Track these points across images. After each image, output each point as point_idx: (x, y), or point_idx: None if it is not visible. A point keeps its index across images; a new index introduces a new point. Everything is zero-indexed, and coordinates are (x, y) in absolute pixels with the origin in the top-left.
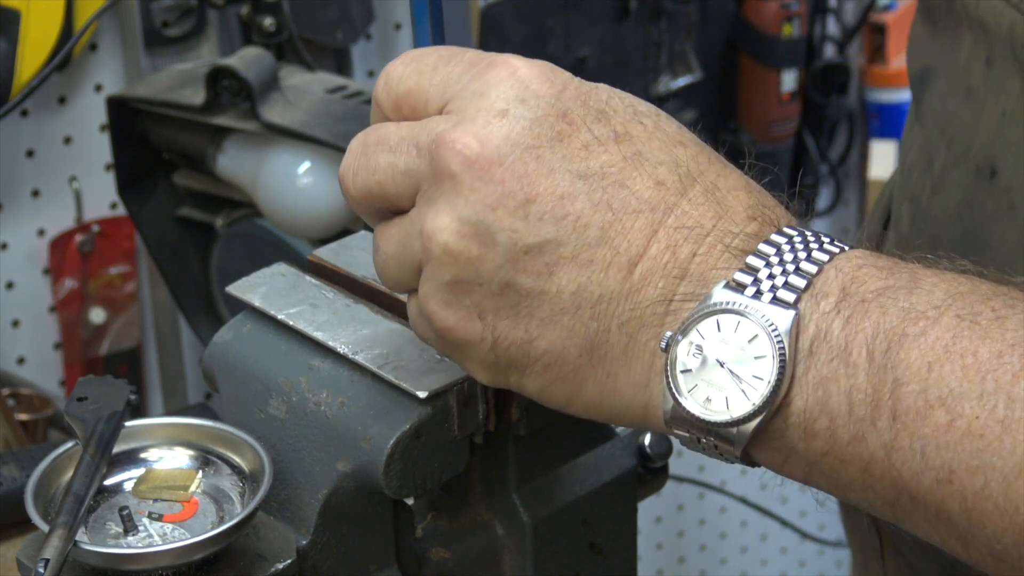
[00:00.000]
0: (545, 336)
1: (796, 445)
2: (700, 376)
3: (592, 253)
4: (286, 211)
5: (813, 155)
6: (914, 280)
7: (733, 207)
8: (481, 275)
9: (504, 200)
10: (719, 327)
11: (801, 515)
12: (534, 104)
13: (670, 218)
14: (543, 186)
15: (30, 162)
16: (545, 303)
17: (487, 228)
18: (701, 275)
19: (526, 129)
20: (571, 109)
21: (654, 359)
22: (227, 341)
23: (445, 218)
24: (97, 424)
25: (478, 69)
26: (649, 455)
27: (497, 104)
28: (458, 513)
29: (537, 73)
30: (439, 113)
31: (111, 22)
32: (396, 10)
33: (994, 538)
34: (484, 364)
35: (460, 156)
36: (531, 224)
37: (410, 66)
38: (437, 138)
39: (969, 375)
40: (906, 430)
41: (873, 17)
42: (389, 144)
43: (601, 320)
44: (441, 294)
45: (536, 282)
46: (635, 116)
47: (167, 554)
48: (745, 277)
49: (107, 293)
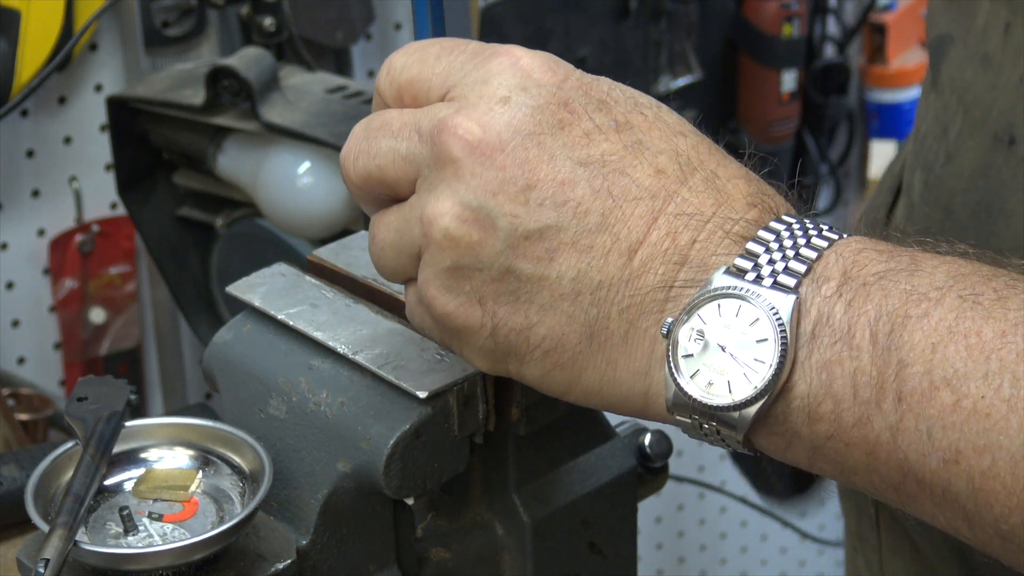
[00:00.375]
0: (544, 322)
1: (800, 429)
2: (702, 360)
3: (592, 239)
4: (286, 211)
5: (813, 155)
6: (915, 263)
7: (733, 195)
8: (481, 260)
9: (505, 185)
10: (720, 311)
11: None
12: (536, 92)
13: (670, 205)
14: (544, 172)
15: (30, 162)
16: (545, 289)
17: (488, 213)
18: (701, 261)
19: (528, 116)
20: (572, 98)
21: (655, 345)
22: (227, 341)
23: (446, 203)
24: (97, 424)
25: (481, 58)
26: (649, 455)
27: (499, 91)
28: (458, 513)
29: (539, 63)
30: (441, 100)
31: (111, 22)
32: (396, 10)
33: (1001, 518)
34: (483, 351)
35: (462, 141)
36: (532, 209)
37: (413, 56)
38: (439, 123)
39: (973, 355)
40: (912, 411)
41: (873, 17)
42: (391, 129)
43: (601, 306)
44: (441, 279)
45: (536, 267)
46: (636, 107)
47: (167, 554)
48: (745, 263)
49: (107, 293)
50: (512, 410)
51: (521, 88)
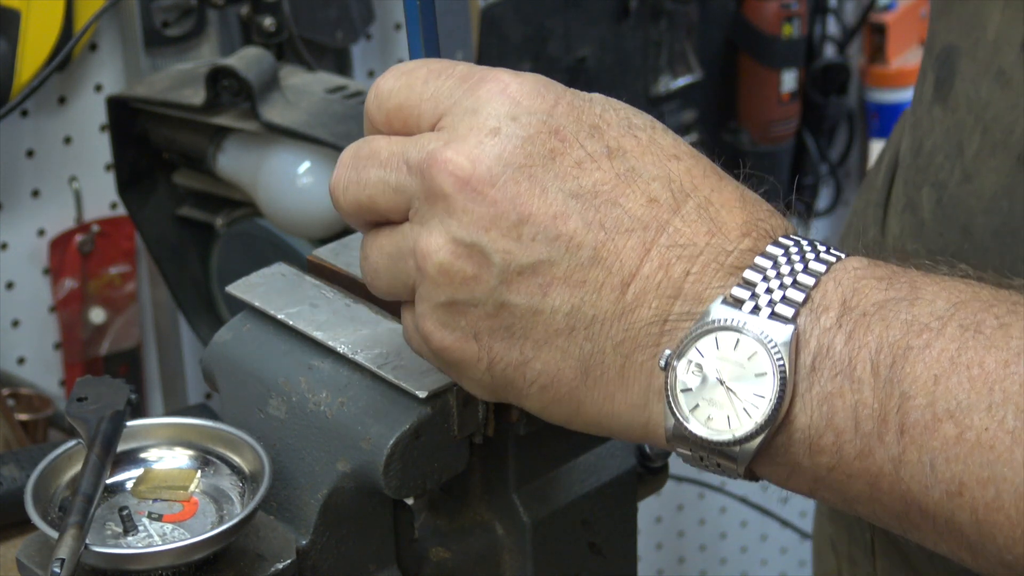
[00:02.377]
0: (540, 358)
1: (801, 461)
2: (701, 395)
3: (585, 274)
4: (286, 211)
5: (813, 155)
6: (915, 290)
7: (727, 223)
8: (476, 296)
9: (497, 221)
10: (718, 344)
11: (801, 515)
12: (526, 121)
13: (663, 236)
14: (536, 206)
15: (30, 162)
16: (539, 324)
17: (481, 249)
18: (696, 294)
19: (518, 148)
20: (563, 125)
21: (651, 379)
22: (227, 341)
23: (439, 239)
24: (100, 424)
25: (469, 85)
26: (649, 455)
27: (489, 122)
28: (458, 513)
29: (528, 89)
30: (431, 129)
31: (111, 22)
32: (396, 10)
33: (1005, 548)
34: (481, 384)
35: (452, 177)
36: (524, 244)
37: (400, 80)
38: (429, 157)
39: (976, 386)
40: (914, 444)
41: (873, 17)
42: (380, 159)
43: (595, 341)
44: (437, 314)
45: (530, 302)
46: (629, 129)
47: (167, 554)
48: (742, 292)
49: (107, 293)
50: (512, 410)
51: (511, 117)
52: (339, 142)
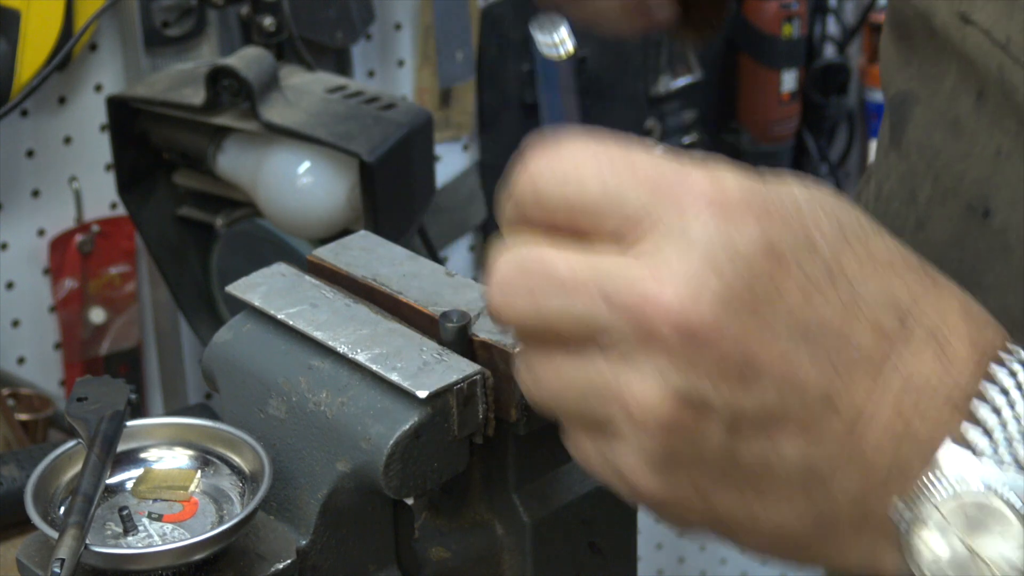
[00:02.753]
0: (770, 517)
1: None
2: (948, 567)
3: (816, 419)
4: (286, 211)
5: (813, 155)
6: None
7: (957, 351)
8: (699, 449)
9: (722, 367)
10: (964, 510)
11: None
12: (745, 247)
13: (895, 376)
14: (763, 349)
15: (30, 162)
16: (770, 478)
17: (704, 399)
18: (929, 438)
19: (743, 284)
20: (778, 240)
21: (886, 527)
22: (227, 341)
23: (657, 391)
24: (100, 424)
25: (663, 191)
26: None
27: (703, 250)
28: (458, 513)
29: (737, 199)
30: (616, 240)
31: (111, 22)
32: (396, 10)
33: None
34: (691, 524)
35: (671, 320)
36: (752, 392)
37: (566, 169)
38: (639, 296)
39: None
40: None
41: (873, 17)
42: (560, 282)
43: (828, 492)
44: (649, 464)
45: (760, 454)
46: (842, 236)
47: (167, 554)
48: (979, 437)
49: (107, 293)
50: (512, 410)
51: (727, 244)
52: (339, 142)
